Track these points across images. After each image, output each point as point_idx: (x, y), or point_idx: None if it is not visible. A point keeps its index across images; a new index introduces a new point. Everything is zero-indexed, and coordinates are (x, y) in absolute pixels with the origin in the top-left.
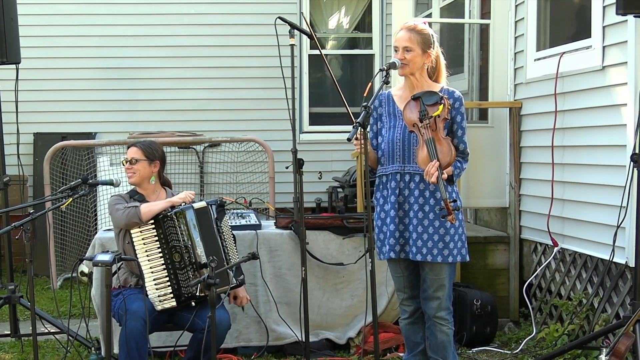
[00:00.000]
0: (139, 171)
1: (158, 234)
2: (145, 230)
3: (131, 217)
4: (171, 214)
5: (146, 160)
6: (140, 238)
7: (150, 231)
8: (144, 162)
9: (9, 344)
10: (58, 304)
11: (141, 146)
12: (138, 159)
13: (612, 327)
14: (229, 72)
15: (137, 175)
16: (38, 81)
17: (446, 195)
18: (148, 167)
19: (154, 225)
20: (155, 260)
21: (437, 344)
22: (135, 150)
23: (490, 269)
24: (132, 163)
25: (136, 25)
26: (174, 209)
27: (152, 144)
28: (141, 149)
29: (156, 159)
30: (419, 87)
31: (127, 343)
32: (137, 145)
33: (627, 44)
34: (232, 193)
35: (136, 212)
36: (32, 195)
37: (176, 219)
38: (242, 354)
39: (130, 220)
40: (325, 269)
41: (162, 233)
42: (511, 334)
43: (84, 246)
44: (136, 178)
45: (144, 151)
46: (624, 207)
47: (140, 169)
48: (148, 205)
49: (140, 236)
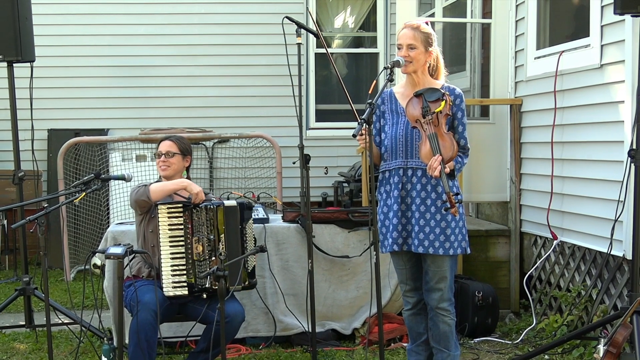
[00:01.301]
0: (174, 165)
1: (185, 223)
2: (173, 217)
3: (140, 194)
4: (202, 206)
5: (180, 155)
6: (167, 224)
7: (179, 218)
8: (179, 156)
9: (23, 334)
10: (71, 295)
11: (176, 140)
12: (174, 152)
13: (610, 318)
14: (238, 70)
15: (170, 169)
16: (52, 79)
17: (449, 189)
18: (181, 161)
19: (183, 214)
20: (176, 247)
21: (440, 334)
22: (171, 144)
23: (491, 261)
24: (167, 156)
25: (147, 24)
26: (205, 202)
27: (184, 139)
28: (176, 143)
29: (189, 154)
30: (421, 85)
31: (137, 333)
32: (172, 139)
33: (625, 43)
34: (240, 188)
35: (145, 191)
36: (46, 190)
37: (206, 212)
38: (250, 344)
39: (139, 197)
40: (331, 262)
41: (190, 223)
42: (512, 324)
43: (97, 239)
44: (170, 171)
45: (178, 145)
46: (622, 202)
47: (175, 163)
48: (159, 184)
49: (167, 222)
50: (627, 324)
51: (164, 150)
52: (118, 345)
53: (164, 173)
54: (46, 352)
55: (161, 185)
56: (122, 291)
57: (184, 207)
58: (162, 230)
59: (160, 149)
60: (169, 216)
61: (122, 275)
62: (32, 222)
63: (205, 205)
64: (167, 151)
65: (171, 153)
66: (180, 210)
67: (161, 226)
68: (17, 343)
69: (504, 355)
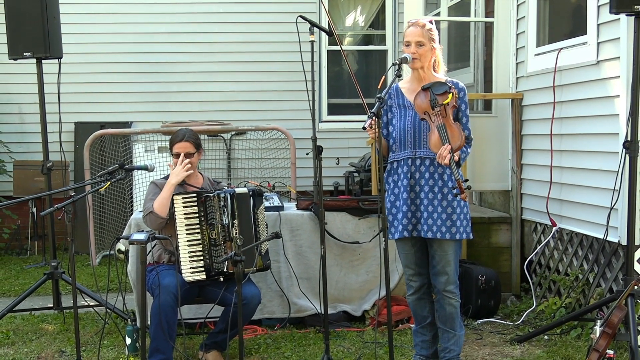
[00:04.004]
0: (194, 163)
1: (199, 211)
2: (188, 206)
3: (153, 221)
4: (215, 194)
5: (197, 152)
6: (182, 213)
7: (193, 207)
8: (196, 153)
9: (52, 315)
10: (97, 279)
11: (189, 139)
12: (192, 152)
13: (606, 301)
14: (254, 66)
15: (192, 167)
16: (79, 74)
17: (458, 175)
18: (198, 157)
19: (196, 203)
20: (193, 234)
21: (446, 315)
22: (188, 144)
23: (494, 247)
24: (188, 157)
25: (169, 23)
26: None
27: (194, 134)
28: (192, 142)
29: (200, 147)
30: (426, 80)
31: (158, 315)
32: (187, 139)
33: (620, 40)
34: (257, 177)
35: (154, 216)
36: (73, 180)
37: (218, 200)
38: (266, 325)
39: (154, 223)
40: (342, 247)
41: (204, 211)
42: (513, 306)
43: (121, 226)
44: (192, 169)
45: (193, 143)
46: (617, 190)
47: (195, 161)
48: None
49: (182, 211)
50: (622, 306)
51: (182, 151)
52: (141, 326)
53: (189, 173)
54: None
55: (160, 199)
56: (144, 275)
57: (197, 196)
58: (179, 220)
59: (178, 150)
60: (184, 205)
61: (145, 260)
62: (60, 210)
63: (218, 194)
64: (187, 152)
65: (191, 154)
66: (194, 200)
67: (177, 216)
68: (45, 324)
69: (505, 335)
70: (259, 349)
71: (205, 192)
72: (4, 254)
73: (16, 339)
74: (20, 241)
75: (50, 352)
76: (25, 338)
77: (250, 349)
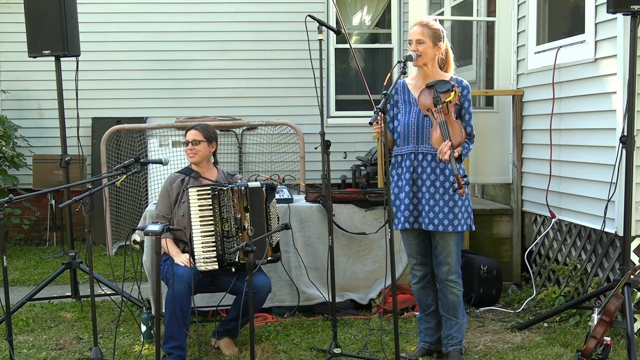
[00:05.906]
0: (200, 152)
1: (213, 204)
2: (202, 199)
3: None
4: (229, 188)
5: (205, 142)
6: (197, 205)
7: (207, 200)
8: (204, 143)
9: (70, 304)
10: (113, 268)
11: (200, 129)
12: (199, 140)
13: (603, 289)
14: (265, 63)
15: (197, 156)
16: (96, 72)
17: (457, 171)
18: (207, 148)
19: (211, 195)
20: (206, 226)
21: (449, 304)
22: (196, 132)
23: (495, 237)
24: (194, 144)
25: (183, 22)
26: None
27: (208, 127)
28: (201, 132)
29: (213, 140)
30: (431, 77)
31: (172, 303)
32: (196, 128)
33: (617, 39)
34: (267, 171)
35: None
36: (90, 173)
37: (232, 193)
38: (276, 312)
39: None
40: (349, 238)
41: (217, 204)
42: (514, 295)
43: (137, 217)
44: (197, 158)
45: (203, 133)
46: (614, 183)
47: (201, 150)
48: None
49: (197, 203)
50: (619, 294)
51: (190, 138)
52: (155, 314)
53: (193, 160)
54: (90, 320)
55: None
56: (159, 265)
57: (212, 189)
58: (193, 211)
59: (187, 138)
60: (199, 198)
61: (160, 250)
62: (78, 202)
63: (232, 187)
64: (193, 139)
65: (197, 141)
66: (209, 192)
67: (192, 207)
68: (63, 312)
69: (506, 323)
70: (269, 336)
71: (219, 186)
72: (23, 244)
73: (35, 327)
74: (39, 232)
75: (68, 339)
76: (44, 325)
77: (260, 335)
